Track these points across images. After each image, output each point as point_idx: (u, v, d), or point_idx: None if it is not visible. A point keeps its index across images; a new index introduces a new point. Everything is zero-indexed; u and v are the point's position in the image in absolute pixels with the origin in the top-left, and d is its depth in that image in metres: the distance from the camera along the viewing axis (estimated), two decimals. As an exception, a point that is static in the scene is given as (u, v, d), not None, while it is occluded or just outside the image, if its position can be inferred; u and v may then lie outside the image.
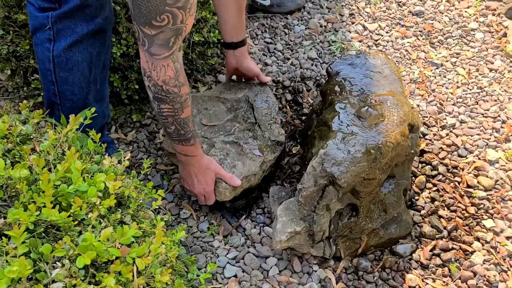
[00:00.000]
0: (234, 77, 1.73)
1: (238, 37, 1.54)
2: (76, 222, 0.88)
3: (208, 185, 1.41)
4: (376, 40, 2.12)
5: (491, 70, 2.00)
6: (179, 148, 1.34)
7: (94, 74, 1.33)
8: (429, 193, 1.60)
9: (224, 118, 1.59)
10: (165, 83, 1.16)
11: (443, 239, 1.49)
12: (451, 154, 1.71)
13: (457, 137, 1.76)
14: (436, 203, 1.57)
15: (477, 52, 2.07)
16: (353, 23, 2.19)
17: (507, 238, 1.49)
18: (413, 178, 1.62)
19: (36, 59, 1.31)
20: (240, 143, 1.51)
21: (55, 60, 1.26)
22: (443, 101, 1.88)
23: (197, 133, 1.39)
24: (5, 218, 0.83)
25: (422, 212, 1.56)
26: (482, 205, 1.56)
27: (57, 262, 0.81)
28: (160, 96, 1.18)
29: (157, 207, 1.15)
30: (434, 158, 1.68)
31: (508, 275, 1.41)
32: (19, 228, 0.77)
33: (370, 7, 2.26)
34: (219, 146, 1.50)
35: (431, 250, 1.46)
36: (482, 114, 1.84)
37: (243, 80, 1.73)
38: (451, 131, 1.78)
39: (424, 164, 1.67)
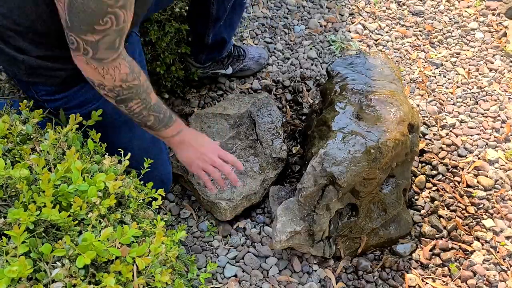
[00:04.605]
0: (238, 91, 1.69)
1: None
2: (76, 222, 0.88)
3: (212, 142, 1.32)
4: (376, 40, 2.12)
5: (491, 70, 2.00)
6: (167, 132, 1.24)
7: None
8: (429, 192, 1.60)
9: (227, 135, 1.58)
10: (124, 81, 1.08)
11: (443, 239, 1.49)
12: (451, 154, 1.71)
13: (457, 136, 1.76)
14: (436, 202, 1.57)
15: (477, 52, 2.07)
16: (353, 23, 2.19)
17: (507, 237, 1.49)
18: (413, 178, 1.62)
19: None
20: (241, 162, 1.51)
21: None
22: (443, 101, 1.88)
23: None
24: (5, 217, 0.83)
25: (422, 211, 1.56)
26: (481, 205, 1.56)
27: (57, 262, 0.81)
28: (123, 96, 1.11)
29: (157, 207, 1.14)
30: (434, 158, 1.69)
31: (507, 275, 1.41)
32: (19, 228, 0.77)
33: (370, 7, 2.26)
34: None
35: (431, 250, 1.47)
36: (482, 114, 1.84)
37: None
38: (451, 131, 1.78)
39: (424, 164, 1.67)
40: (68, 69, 1.12)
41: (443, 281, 1.40)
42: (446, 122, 1.80)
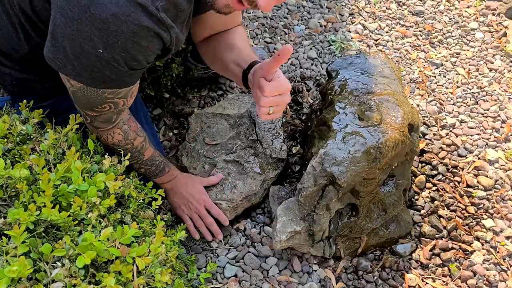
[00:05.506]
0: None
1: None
2: (76, 222, 0.88)
3: (202, 193, 1.42)
4: (376, 40, 2.12)
5: (491, 70, 2.00)
6: (158, 180, 1.34)
7: None
8: (429, 192, 1.60)
9: (227, 135, 1.58)
10: (116, 145, 1.16)
11: (443, 239, 1.49)
12: (451, 154, 1.71)
13: (457, 136, 1.76)
14: (436, 202, 1.57)
15: (477, 52, 2.07)
16: (353, 23, 2.19)
17: (507, 237, 1.49)
18: (413, 178, 1.62)
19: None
20: (241, 162, 1.51)
21: None
22: (443, 101, 1.88)
23: (167, 159, 1.38)
24: (5, 217, 0.83)
25: (422, 211, 1.56)
26: (481, 205, 1.56)
27: (57, 262, 0.81)
28: (116, 151, 1.18)
29: (157, 206, 1.15)
30: (434, 158, 1.69)
31: (507, 275, 1.41)
32: (19, 228, 0.77)
33: (370, 7, 2.26)
34: (220, 165, 1.50)
35: (431, 250, 1.47)
36: (482, 114, 1.84)
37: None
38: (451, 131, 1.78)
39: (424, 164, 1.67)
40: (53, 80, 1.13)
41: (443, 281, 1.40)
42: (446, 122, 1.80)
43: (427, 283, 1.40)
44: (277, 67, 1.07)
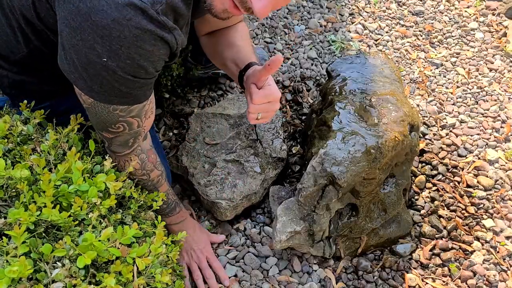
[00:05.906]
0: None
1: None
2: (77, 222, 0.88)
3: (207, 244, 1.38)
4: (376, 40, 2.12)
5: (491, 70, 2.00)
6: (169, 220, 1.31)
7: None
8: (429, 192, 1.60)
9: (227, 135, 1.58)
10: (132, 174, 1.14)
11: (443, 239, 1.49)
12: (451, 154, 1.71)
13: (457, 136, 1.76)
14: (436, 202, 1.58)
15: (477, 52, 2.07)
16: (353, 23, 2.19)
17: (507, 237, 1.49)
18: (413, 178, 1.62)
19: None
20: (241, 161, 1.51)
21: None
22: (443, 101, 1.88)
23: (179, 200, 1.35)
24: (5, 218, 0.83)
25: (422, 211, 1.56)
26: (481, 205, 1.57)
27: (57, 262, 0.82)
28: (131, 179, 1.16)
29: (158, 207, 1.15)
30: (434, 158, 1.69)
31: (507, 275, 1.41)
32: (20, 228, 0.78)
33: (370, 7, 2.26)
34: (220, 165, 1.50)
35: (431, 250, 1.47)
36: (482, 114, 1.84)
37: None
38: (451, 131, 1.78)
39: (424, 164, 1.67)
40: (53, 83, 1.12)
41: (443, 281, 1.40)
42: (446, 122, 1.80)
43: (427, 283, 1.40)
44: (268, 76, 1.10)
